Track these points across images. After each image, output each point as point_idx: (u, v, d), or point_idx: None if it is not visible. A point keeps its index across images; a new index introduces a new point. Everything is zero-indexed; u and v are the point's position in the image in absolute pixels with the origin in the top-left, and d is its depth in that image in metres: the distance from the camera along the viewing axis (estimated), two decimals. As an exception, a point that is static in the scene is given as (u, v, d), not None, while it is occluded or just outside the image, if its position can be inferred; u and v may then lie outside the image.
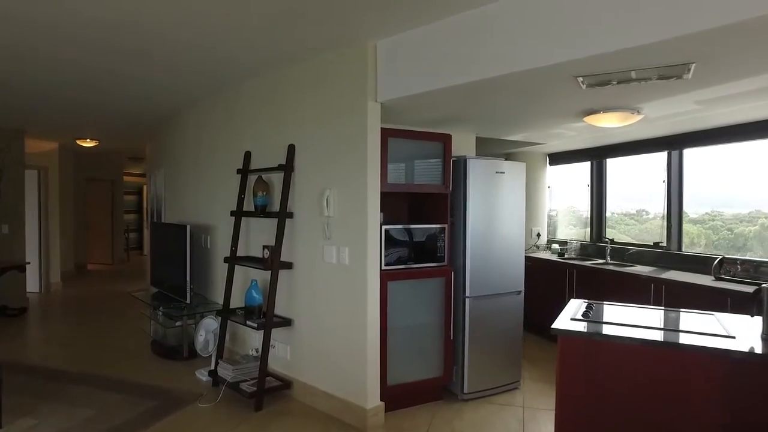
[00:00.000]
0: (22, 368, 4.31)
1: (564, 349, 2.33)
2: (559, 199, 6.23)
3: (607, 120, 3.41)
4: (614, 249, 5.00)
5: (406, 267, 3.43)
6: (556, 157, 6.02)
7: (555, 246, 5.63)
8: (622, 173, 5.37)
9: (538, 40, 2.38)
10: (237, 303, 3.97)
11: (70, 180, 8.90)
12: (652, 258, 4.64)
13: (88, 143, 7.48)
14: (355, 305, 3.23)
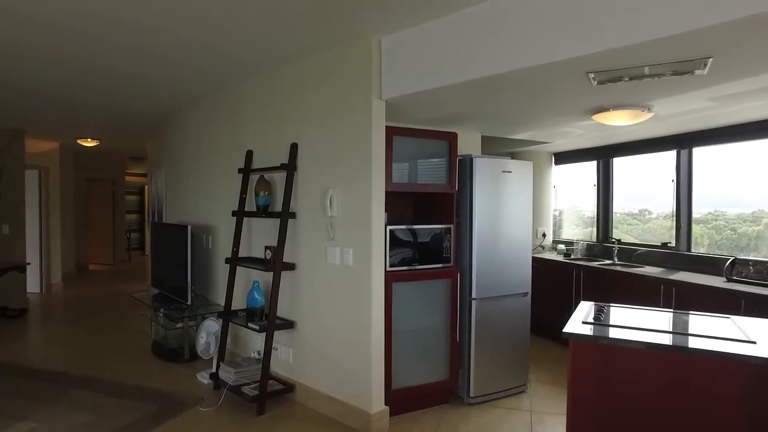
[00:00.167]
0: (22, 370, 4.26)
1: (576, 354, 2.25)
2: (565, 198, 6.16)
3: (617, 118, 3.33)
4: (621, 249, 4.93)
5: (412, 268, 3.36)
6: (562, 157, 5.95)
7: (561, 246, 5.56)
8: (624, 173, 5.33)
9: (548, 35, 2.31)
10: (239, 305, 3.91)
11: (71, 180, 8.85)
12: (660, 259, 4.56)
13: (89, 143, 7.43)
14: (359, 307, 3.16)
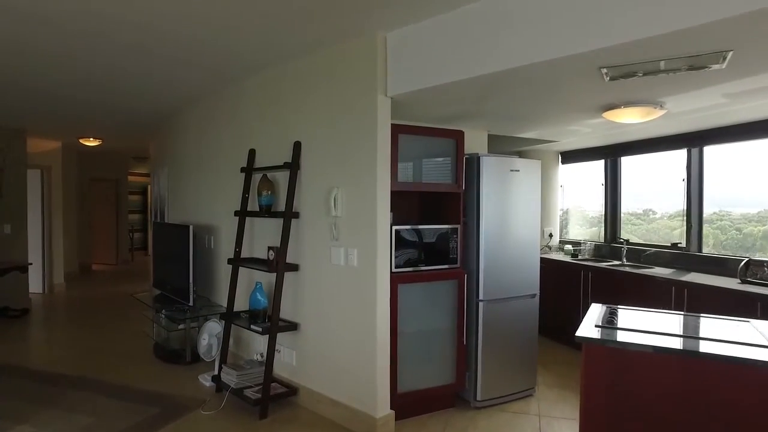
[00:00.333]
0: (22, 371, 4.21)
1: (589, 358, 2.17)
2: (571, 198, 6.07)
3: (628, 115, 3.25)
4: (630, 250, 4.84)
5: (418, 269, 3.29)
6: (569, 155, 5.86)
7: (568, 247, 5.47)
8: (628, 172, 5.29)
9: (560, 29, 2.23)
10: (241, 306, 3.84)
11: (73, 179, 8.81)
12: (670, 259, 4.47)
13: (92, 142, 7.38)
14: (364, 309, 3.09)
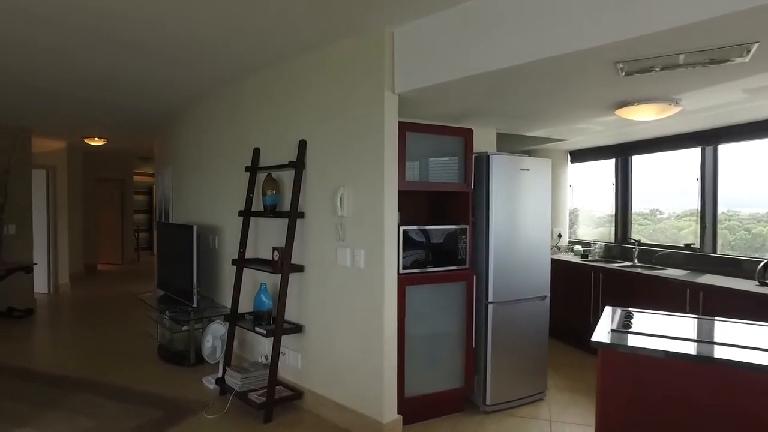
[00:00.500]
0: (24, 372, 4.17)
1: (606, 364, 2.09)
2: (580, 198, 5.97)
3: (643, 113, 3.16)
4: (641, 251, 4.74)
5: (426, 270, 3.21)
6: (578, 155, 5.77)
7: (577, 247, 5.38)
8: (635, 171, 5.21)
9: (575, 22, 2.15)
10: (246, 307, 3.78)
11: (79, 179, 8.80)
12: (684, 261, 4.37)
13: (97, 142, 7.35)
14: (370, 311, 3.01)
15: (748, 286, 3.43)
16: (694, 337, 2.20)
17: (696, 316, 2.75)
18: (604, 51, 2.16)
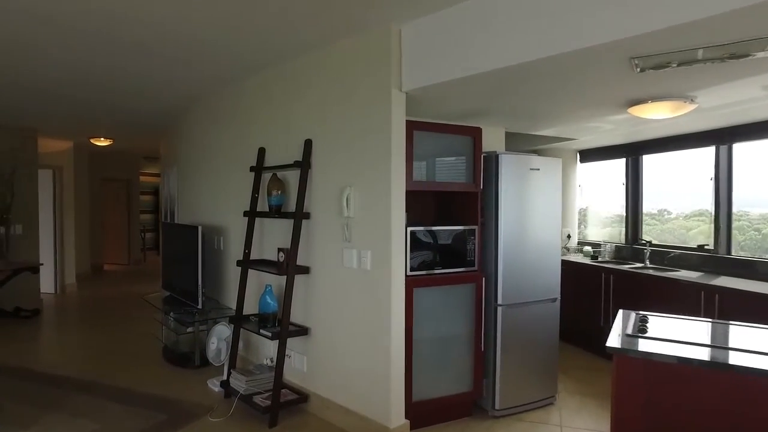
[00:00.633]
0: (28, 373, 4.15)
1: (621, 370, 2.02)
2: (589, 198, 5.89)
3: (657, 110, 3.07)
4: (653, 252, 4.65)
5: (434, 272, 3.15)
6: (588, 154, 5.68)
7: (587, 248, 5.29)
8: (644, 171, 5.12)
9: (589, 15, 2.08)
10: (251, 309, 3.73)
11: (85, 180, 8.81)
12: (697, 262, 4.27)
13: (102, 142, 7.35)
14: (377, 314, 2.96)
15: (766, 288, 3.34)
16: (714, 343, 2.12)
17: (713, 320, 2.67)
18: (620, 46, 2.09)
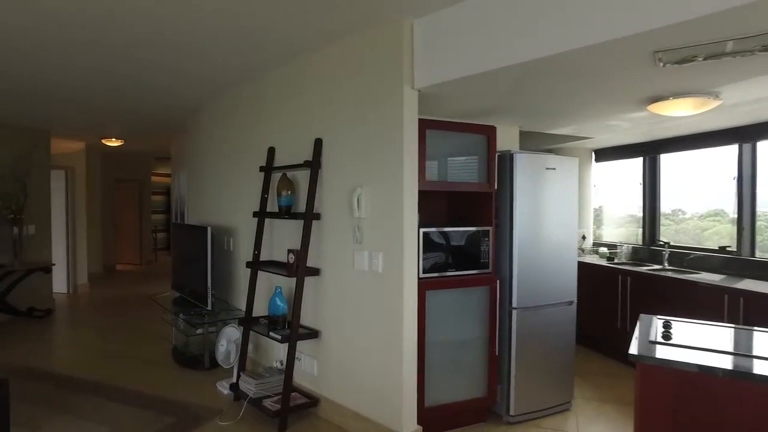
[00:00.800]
0: (39, 374, 4.14)
1: (645, 379, 1.93)
2: (605, 198, 5.76)
3: (679, 107, 2.96)
4: (672, 253, 4.52)
5: (446, 275, 3.07)
6: (604, 153, 5.56)
7: (603, 249, 5.17)
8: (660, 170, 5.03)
9: (611, 7, 1.98)
10: (261, 310, 3.68)
11: (97, 180, 8.86)
12: (719, 264, 4.14)
13: (114, 143, 7.37)
14: (389, 317, 2.88)
15: (793, 292, 3.21)
16: (742, 351, 2.02)
17: (739, 326, 2.55)
18: (643, 39, 1.99)
